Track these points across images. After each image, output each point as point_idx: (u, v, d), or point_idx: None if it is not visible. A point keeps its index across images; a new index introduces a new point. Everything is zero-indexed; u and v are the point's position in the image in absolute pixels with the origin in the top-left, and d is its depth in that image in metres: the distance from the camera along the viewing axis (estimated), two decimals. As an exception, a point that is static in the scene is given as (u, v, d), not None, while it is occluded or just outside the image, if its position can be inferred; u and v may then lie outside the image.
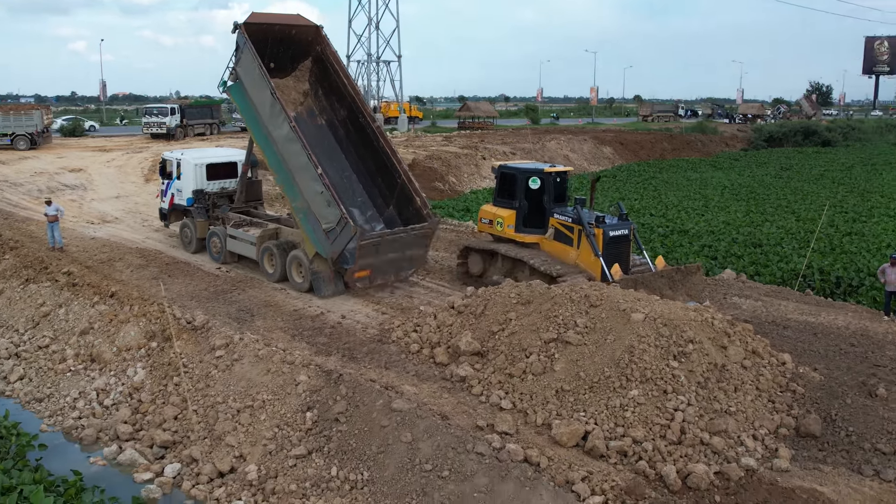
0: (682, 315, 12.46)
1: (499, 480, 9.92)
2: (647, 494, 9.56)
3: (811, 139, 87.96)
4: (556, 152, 57.36)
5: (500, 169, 19.68)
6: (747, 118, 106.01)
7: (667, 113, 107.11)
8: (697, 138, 79.66)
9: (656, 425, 10.85)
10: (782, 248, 26.91)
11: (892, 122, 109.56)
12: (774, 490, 9.91)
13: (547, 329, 12.81)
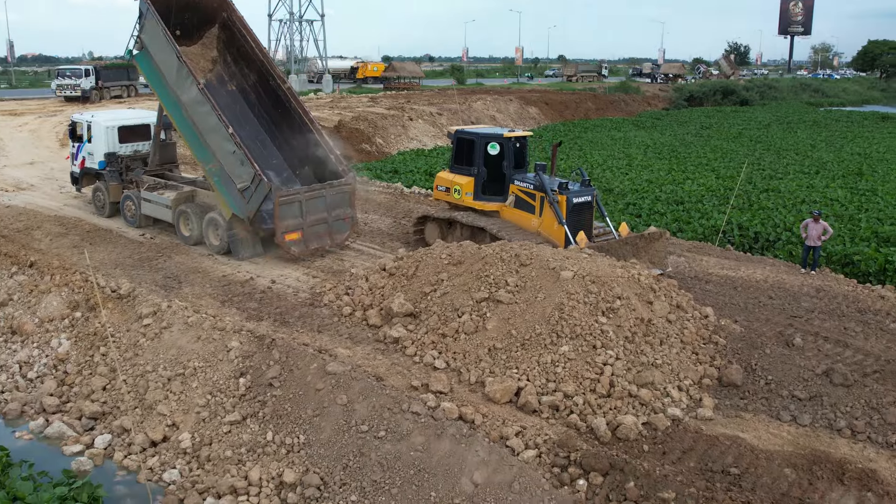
0: (610, 272, 12.76)
1: (435, 439, 10.06)
2: (579, 446, 9.84)
3: (730, 98, 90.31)
4: (482, 113, 57.43)
5: (457, 134, 18.93)
6: (668, 78, 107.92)
7: (590, 73, 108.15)
8: (621, 98, 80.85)
9: (586, 379, 11.15)
10: (703, 205, 27.69)
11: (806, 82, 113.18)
12: (699, 438, 10.32)
13: (479, 289, 12.96)
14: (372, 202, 24.41)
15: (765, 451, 10.05)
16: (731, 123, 63.39)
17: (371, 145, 42.49)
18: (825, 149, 46.19)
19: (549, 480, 9.45)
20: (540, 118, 63.54)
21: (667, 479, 9.22)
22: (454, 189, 18.52)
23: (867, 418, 10.75)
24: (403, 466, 9.82)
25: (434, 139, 47.81)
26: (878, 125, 67.62)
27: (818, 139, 51.97)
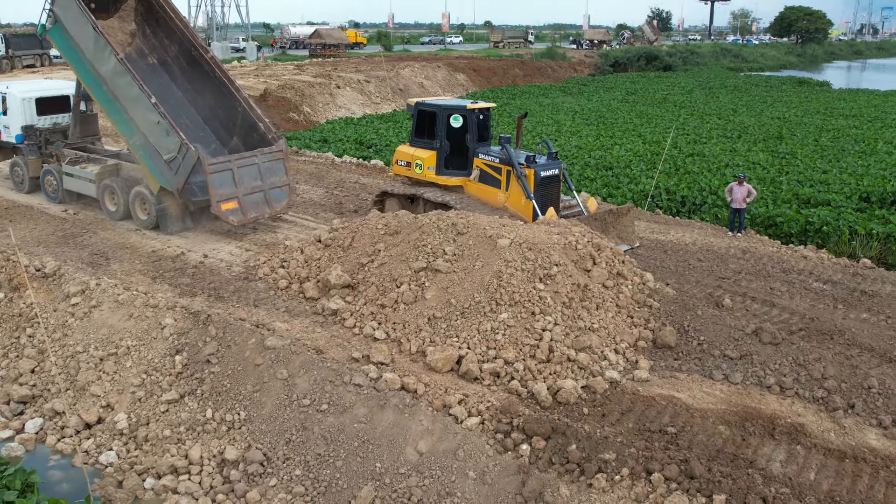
0: (547, 239, 12.87)
1: (378, 410, 10.05)
2: (521, 412, 9.97)
3: (653, 64, 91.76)
4: (410, 80, 57.02)
5: (418, 106, 18.08)
6: (594, 44, 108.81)
7: (517, 39, 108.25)
8: (547, 64, 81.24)
9: (526, 346, 11.28)
10: (631, 170, 28.14)
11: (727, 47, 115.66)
12: (637, 399, 10.57)
13: (416, 258, 12.92)
14: (303, 172, 24.03)
15: (699, 410, 10.36)
16: (656, 89, 64.45)
17: (299, 114, 41.80)
18: (746, 113, 47.41)
19: (493, 446, 9.55)
20: (468, 85, 63.45)
21: (607, 440, 9.42)
22: (415, 163, 17.88)
23: (795, 374, 11.16)
24: (347, 439, 9.79)
25: (363, 107, 47.31)
26: (796, 89, 69.76)
27: (739, 104, 53.30)
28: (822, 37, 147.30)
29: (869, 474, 9.23)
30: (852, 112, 48.75)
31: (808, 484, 8.97)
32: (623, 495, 8.76)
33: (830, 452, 9.60)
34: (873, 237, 19.77)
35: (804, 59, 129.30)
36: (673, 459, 9.11)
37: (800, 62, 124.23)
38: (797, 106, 52.39)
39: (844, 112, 48.68)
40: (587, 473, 9.03)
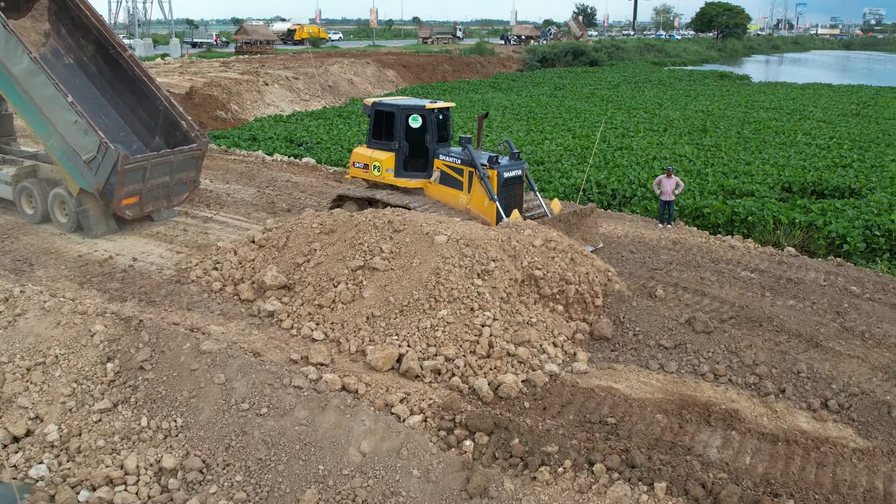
0: (484, 235, 12.91)
1: (319, 411, 9.92)
2: (463, 408, 9.97)
3: (580, 59, 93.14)
4: (340, 77, 56.59)
5: (375, 107, 17.51)
6: (522, 39, 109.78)
7: (445, 35, 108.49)
8: (476, 60, 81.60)
9: (466, 342, 11.29)
10: (562, 164, 28.49)
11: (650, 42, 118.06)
12: (576, 391, 10.70)
13: (353, 257, 12.82)
14: (233, 171, 23.60)
15: (637, 400, 10.55)
16: (583, 84, 65.41)
17: (226, 112, 41.03)
18: (671, 107, 48.52)
19: (437, 444, 9.53)
20: (398, 81, 63.26)
21: (549, 433, 9.50)
22: (373, 166, 17.34)
23: (727, 362, 11.46)
24: (289, 442, 9.64)
25: (292, 104, 46.72)
26: (718, 83, 71.68)
27: (664, 98, 54.50)
28: (742, 32, 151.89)
29: (801, 456, 9.53)
30: (772, 105, 50.36)
31: (744, 468, 9.22)
32: (567, 487, 8.85)
33: (764, 436, 9.88)
34: (796, 226, 20.45)
35: (725, 53, 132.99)
36: (614, 450, 9.24)
37: (720, 56, 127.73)
38: (719, 99, 53.85)
39: (764, 105, 50.25)
40: (531, 467, 9.09)
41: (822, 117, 44.34)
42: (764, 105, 50.12)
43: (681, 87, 65.39)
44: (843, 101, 53.57)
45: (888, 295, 14.96)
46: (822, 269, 16.32)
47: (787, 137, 35.90)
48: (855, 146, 33.58)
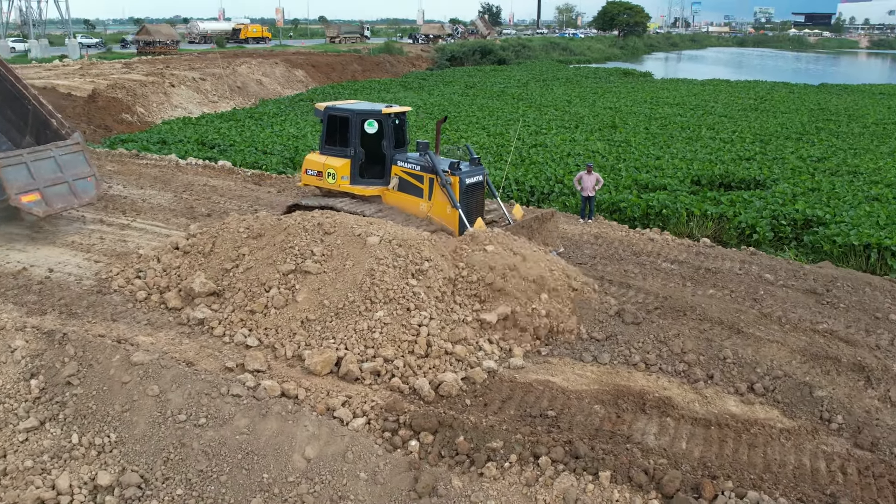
0: (416, 235, 12.94)
1: (260, 419, 9.75)
2: (406, 409, 9.98)
3: (488, 58, 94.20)
4: (248, 77, 55.66)
5: (328, 111, 16.83)
6: (430, 38, 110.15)
7: (353, 34, 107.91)
8: (386, 59, 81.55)
9: (404, 342, 11.29)
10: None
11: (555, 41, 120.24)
12: (515, 386, 10.84)
13: (284, 261, 12.63)
14: (146, 176, 22.88)
15: (575, 392, 10.77)
16: (493, 82, 66.19)
17: (132, 115, 39.79)
18: (580, 104, 49.61)
19: (382, 445, 9.51)
20: (308, 81, 62.65)
21: (493, 429, 9.60)
22: (327, 173, 16.73)
23: (657, 351, 11.82)
24: (230, 452, 9.44)
25: (200, 106, 45.66)
26: (622, 80, 73.64)
27: (573, 95, 55.66)
28: (642, 30, 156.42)
29: (733, 439, 9.93)
30: (675, 101, 52.09)
31: (682, 453, 9.53)
32: (514, 481, 8.96)
33: (697, 421, 10.24)
34: (708, 218, 21.26)
35: (627, 51, 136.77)
36: (557, 442, 9.41)
37: (623, 54, 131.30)
38: (625, 96, 55.39)
39: (669, 101, 51.93)
40: (477, 463, 9.17)
41: (723, 112, 46.15)
42: (668, 101, 51.80)
43: (587, 84, 66.94)
44: (741, 97, 55.88)
45: (799, 281, 15.71)
46: (737, 259, 17.01)
47: (693, 132, 37.24)
48: (756, 139, 35.12)
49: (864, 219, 20.71)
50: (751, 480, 8.98)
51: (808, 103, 51.85)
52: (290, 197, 20.55)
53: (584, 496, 8.64)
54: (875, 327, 13.75)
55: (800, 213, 21.31)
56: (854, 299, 14.82)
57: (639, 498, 8.63)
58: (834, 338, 13.03)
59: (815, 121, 42.54)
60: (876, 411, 10.73)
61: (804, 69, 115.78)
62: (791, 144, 33.92)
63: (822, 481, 9.15)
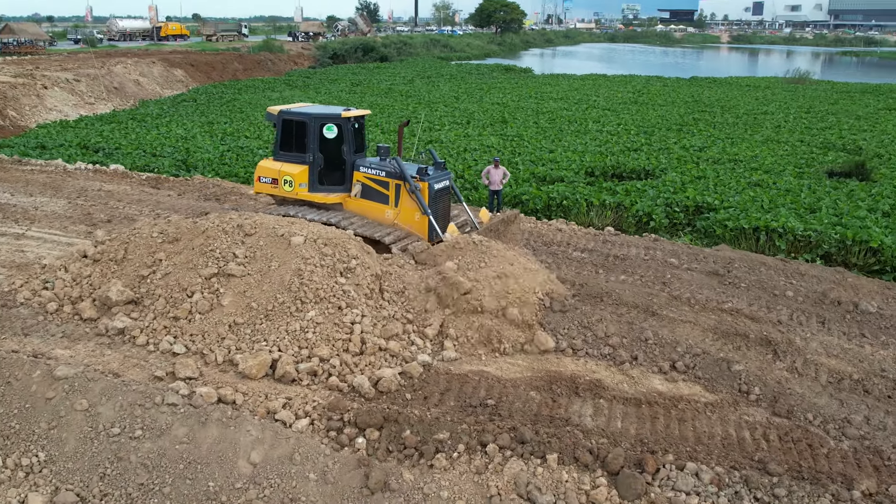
0: (341, 233, 12.89)
1: (199, 427, 9.50)
2: (349, 406, 9.95)
3: (370, 55, 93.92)
4: (125, 77, 53.47)
5: (282, 115, 16.01)
6: (309, 36, 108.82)
7: (231, 32, 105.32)
8: (267, 57, 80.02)
9: (338, 340, 11.25)
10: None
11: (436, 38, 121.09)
12: (451, 378, 10.99)
13: (206, 265, 12.31)
14: (35, 183, 21.70)
15: (510, 380, 11.03)
16: (379, 79, 66.10)
17: (3, 119, 37.53)
18: (468, 100, 50.25)
19: (329, 445, 9.46)
20: (188, 81, 60.79)
21: (438, 421, 9.72)
22: (283, 180, 15.95)
23: (583, 336, 12.24)
24: (171, 463, 9.16)
25: (76, 108, 43.59)
26: (505, 76, 74.98)
27: (460, 91, 56.29)
28: (518, 27, 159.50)
29: (663, 415, 10.42)
30: (559, 96, 53.52)
31: (619, 431, 9.94)
32: (464, 470, 9.11)
33: (628, 401, 10.69)
34: (606, 207, 22.02)
35: (505, 47, 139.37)
36: (502, 429, 9.62)
37: (501, 51, 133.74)
38: (510, 91, 56.47)
39: (553, 96, 53.31)
40: (426, 456, 9.26)
41: (605, 106, 47.78)
42: (552, 96, 53.18)
43: (472, 80, 67.82)
44: (619, 91, 58.00)
45: (701, 264, 16.57)
46: (641, 245, 17.76)
47: (580, 126, 38.41)
48: (640, 131, 36.57)
49: (750, 203, 21.99)
50: (687, 452, 9.46)
51: (682, 96, 54.39)
52: (191, 199, 19.98)
53: (534, 479, 8.88)
54: (774, 304, 14.68)
55: (690, 199, 22.40)
56: (753, 279, 15.77)
57: (587, 477, 8.95)
58: (740, 315, 13.84)
59: (691, 112, 44.70)
60: (786, 381, 11.49)
61: (673, 63, 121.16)
62: (673, 135, 35.52)
63: (749, 449, 9.75)
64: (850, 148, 32.63)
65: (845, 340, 13.40)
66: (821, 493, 8.76)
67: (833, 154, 31.25)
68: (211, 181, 23.51)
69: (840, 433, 10.26)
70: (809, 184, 25.18)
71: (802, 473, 9.15)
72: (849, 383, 11.70)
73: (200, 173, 25.51)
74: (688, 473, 8.99)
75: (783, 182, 25.27)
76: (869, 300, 14.92)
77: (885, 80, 76.97)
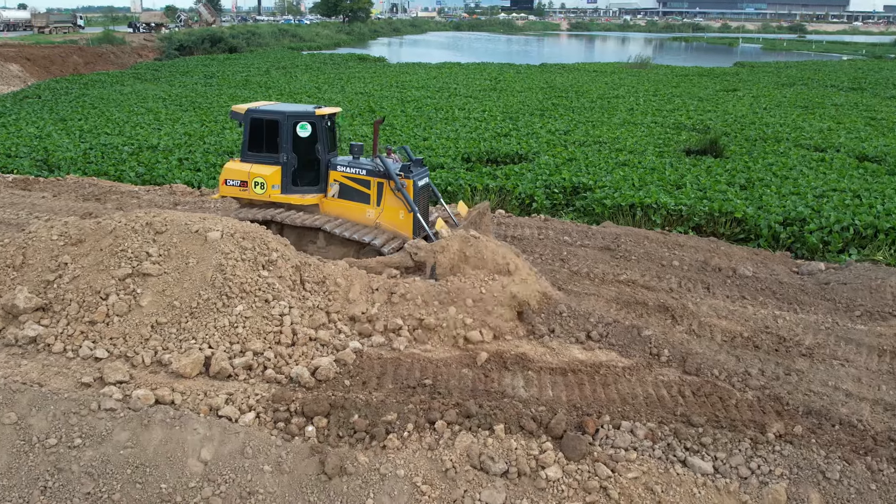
0: (258, 227, 12.80)
1: (143, 430, 9.30)
2: (293, 397, 10.02)
3: (219, 46, 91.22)
4: (-46, 73, 49.52)
5: (250, 114, 15.29)
6: (151, 27, 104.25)
7: (65, 23, 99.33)
8: (109, 50, 76.26)
9: (270, 333, 11.24)
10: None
11: (285, 28, 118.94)
12: (385, 362, 11.19)
13: (118, 265, 11.90)
14: None
15: (441, 360, 11.41)
16: (233, 71, 64.47)
17: None
18: (330, 91, 49.98)
19: (279, 436, 9.50)
20: (25, 76, 57.10)
21: (384, 403, 9.96)
22: (254, 182, 15.27)
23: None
24: (117, 469, 8.94)
25: None
26: (361, 66, 74.92)
27: (320, 81, 55.87)
28: (366, 16, 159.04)
29: (588, 381, 11.11)
30: (419, 84, 54.16)
31: (552, 399, 10.54)
32: (417, 447, 9.41)
33: (554, 371, 11.32)
34: (490, 191, 22.77)
35: (354, 36, 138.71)
36: (447, 405, 9.99)
37: (350, 40, 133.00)
38: (370, 81, 56.57)
39: (413, 84, 53.88)
40: (378, 438, 9.49)
41: (466, 93, 48.83)
42: (413, 85, 53.72)
43: (329, 70, 67.35)
44: (476, 78, 59.35)
45: (592, 240, 17.55)
46: (534, 226, 18.57)
47: (447, 113, 39.13)
48: (506, 117, 37.73)
49: (622, 182, 23.35)
50: (619, 413, 10.19)
51: (537, 82, 56.35)
52: (70, 200, 19.05)
53: (486, 449, 9.31)
54: (664, 273, 15.81)
55: (567, 181, 23.51)
56: (641, 251, 16.87)
57: (534, 443, 9.48)
58: (636, 286, 14.87)
59: (549, 97, 46.46)
60: (688, 343, 12.51)
61: (520, 51, 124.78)
62: (537, 120, 36.89)
63: (670, 405, 10.60)
64: (700, 128, 35.09)
65: (730, 303, 14.65)
66: (741, 438, 9.70)
67: (686, 134, 33.53)
68: (87, 180, 22.43)
69: (744, 385, 11.31)
70: (671, 161, 26.98)
71: (721, 423, 10.09)
72: (741, 341, 12.87)
73: (66, 172, 24.25)
74: (624, 431, 9.71)
75: (647, 161, 26.92)
76: (744, 265, 16.34)
77: (716, 63, 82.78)
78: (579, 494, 8.87)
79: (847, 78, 63.50)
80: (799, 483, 9.14)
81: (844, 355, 12.48)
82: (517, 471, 9.04)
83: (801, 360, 12.25)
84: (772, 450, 9.57)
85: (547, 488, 8.92)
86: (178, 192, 21.94)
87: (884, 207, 20.55)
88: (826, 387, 11.33)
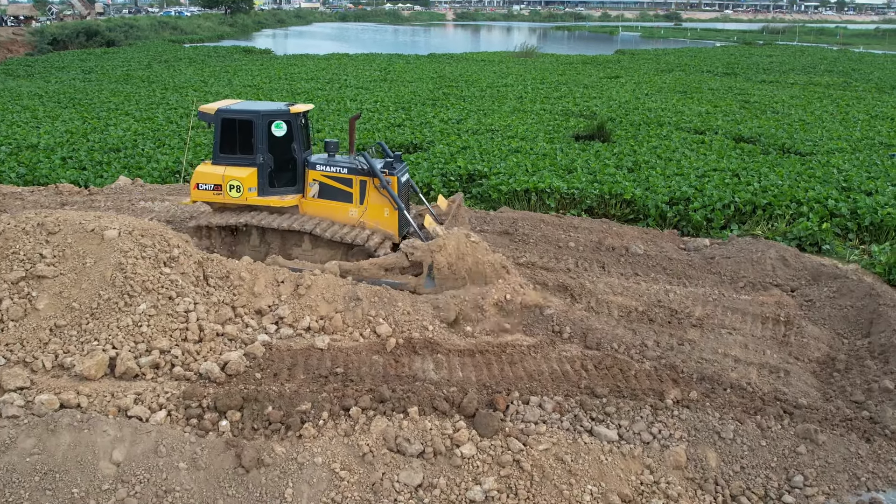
0: (156, 224, 12.56)
1: (49, 435, 9.05)
2: (205, 392, 9.96)
3: (95, 40, 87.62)
4: None
5: (220, 115, 14.45)
6: (20, 20, 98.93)
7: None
8: (-28, 45, 71.98)
9: (175, 330, 11.08)
10: (142, 149, 27.56)
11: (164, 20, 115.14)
12: (295, 354, 11.23)
13: (10, 269, 11.44)
14: None
15: (350, 348, 11.54)
16: (113, 65, 62.16)
17: None
18: (217, 84, 48.95)
19: (192, 432, 9.44)
20: None
21: (297, 393, 10.04)
22: (229, 185, 14.58)
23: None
24: (24, 476, 8.68)
25: None
26: (247, 58, 73.50)
27: (205, 75, 54.57)
28: (249, 7, 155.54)
29: (495, 360, 11.49)
30: (309, 76, 53.68)
31: (463, 379, 10.85)
32: (333, 435, 9.53)
33: (462, 353, 11.64)
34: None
35: (237, 28, 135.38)
36: (360, 392, 10.15)
37: (234, 32, 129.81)
38: (258, 74, 55.65)
39: (302, 76, 53.36)
40: (293, 428, 9.56)
41: (357, 84, 48.73)
42: (302, 77, 53.16)
43: (214, 63, 65.76)
44: (366, 69, 59.20)
45: (491, 225, 18.08)
46: (434, 213, 18.84)
47: (339, 104, 39.00)
48: (398, 108, 37.90)
49: (516, 168, 23.96)
50: (527, 389, 10.60)
51: (427, 72, 56.70)
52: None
53: (401, 432, 9.53)
54: (561, 254, 16.39)
55: (462, 168, 23.94)
56: (538, 234, 17.43)
57: (447, 422, 9.77)
58: (536, 267, 15.38)
59: (439, 87, 46.88)
60: (587, 319, 13.06)
61: (407, 41, 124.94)
62: (429, 110, 37.22)
63: (574, 379, 11.10)
64: (586, 114, 36.25)
65: (624, 280, 15.36)
66: (642, 406, 10.29)
67: (574, 120, 34.59)
68: (-39, 183, 21.33)
69: (641, 356, 11.95)
70: (561, 147, 27.83)
71: (623, 392, 10.65)
72: (636, 315, 13.55)
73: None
74: (533, 406, 10.13)
75: (538, 147, 27.67)
76: (635, 244, 17.13)
77: (598, 51, 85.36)
78: (494, 469, 9.21)
79: (721, 63, 66.87)
80: (697, 444, 9.79)
81: (731, 324, 13.34)
82: (433, 450, 9.31)
83: (693, 330, 13.01)
84: (670, 415, 10.19)
85: (463, 465, 9.22)
86: (66, 192, 21.12)
87: (760, 185, 21.92)
88: (716, 354, 12.10)
